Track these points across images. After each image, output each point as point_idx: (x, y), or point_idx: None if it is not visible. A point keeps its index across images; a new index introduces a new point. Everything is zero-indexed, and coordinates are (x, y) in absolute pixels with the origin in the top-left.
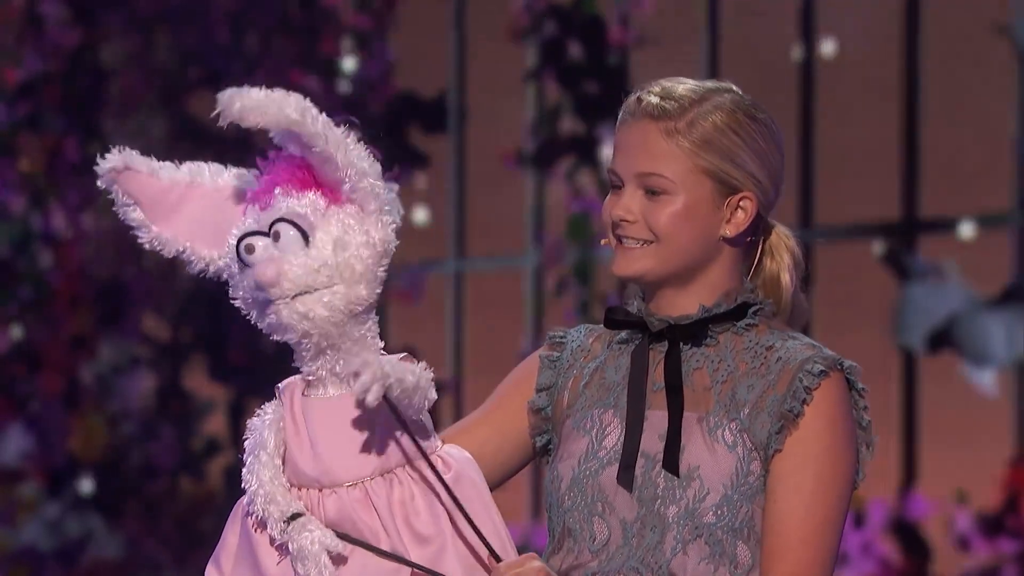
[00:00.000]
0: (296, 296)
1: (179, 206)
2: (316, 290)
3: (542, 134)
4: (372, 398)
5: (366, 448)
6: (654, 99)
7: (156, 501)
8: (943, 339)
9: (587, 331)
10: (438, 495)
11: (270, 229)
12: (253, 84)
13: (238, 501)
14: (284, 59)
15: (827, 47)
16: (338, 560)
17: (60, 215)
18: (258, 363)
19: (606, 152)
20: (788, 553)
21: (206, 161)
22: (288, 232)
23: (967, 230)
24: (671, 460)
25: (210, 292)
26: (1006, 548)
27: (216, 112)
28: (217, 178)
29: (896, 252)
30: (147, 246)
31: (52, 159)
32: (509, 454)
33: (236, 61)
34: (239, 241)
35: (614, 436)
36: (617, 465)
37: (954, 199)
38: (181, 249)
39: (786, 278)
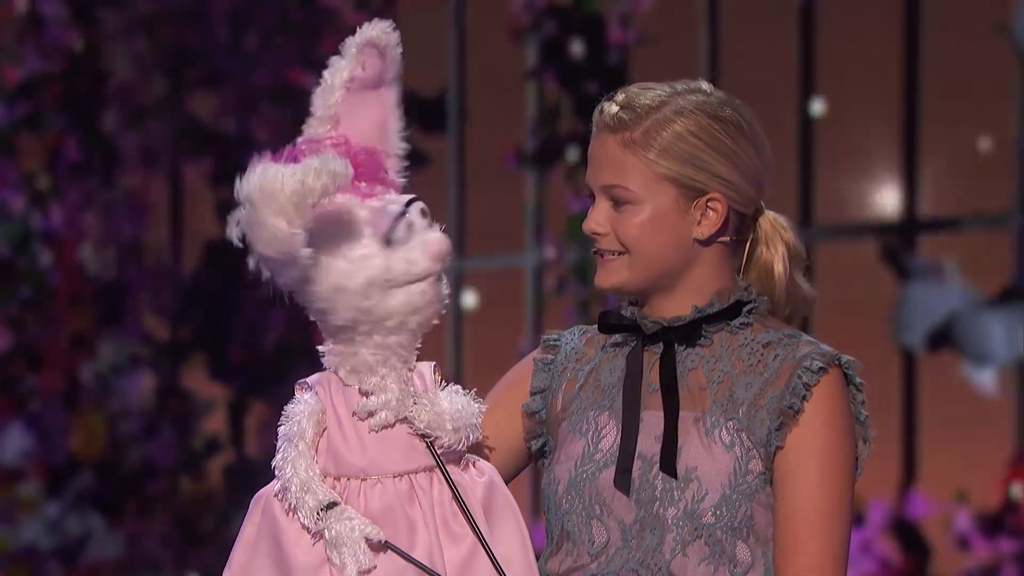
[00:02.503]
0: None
1: None
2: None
3: (542, 134)
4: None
5: (414, 445)
6: (613, 109)
7: (156, 500)
8: (943, 338)
9: (580, 333)
10: (466, 498)
11: (407, 208)
12: (253, 83)
13: (257, 494)
14: (284, 58)
15: (828, 47)
16: (376, 548)
17: (60, 215)
18: (258, 362)
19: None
20: (800, 546)
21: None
22: (427, 211)
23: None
24: (668, 462)
25: (210, 291)
26: (1006, 548)
27: (371, 32)
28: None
29: (896, 251)
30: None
31: (52, 159)
32: (504, 458)
33: (236, 60)
34: (395, 221)
35: (610, 438)
36: (613, 468)
37: (954, 199)
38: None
39: (779, 268)
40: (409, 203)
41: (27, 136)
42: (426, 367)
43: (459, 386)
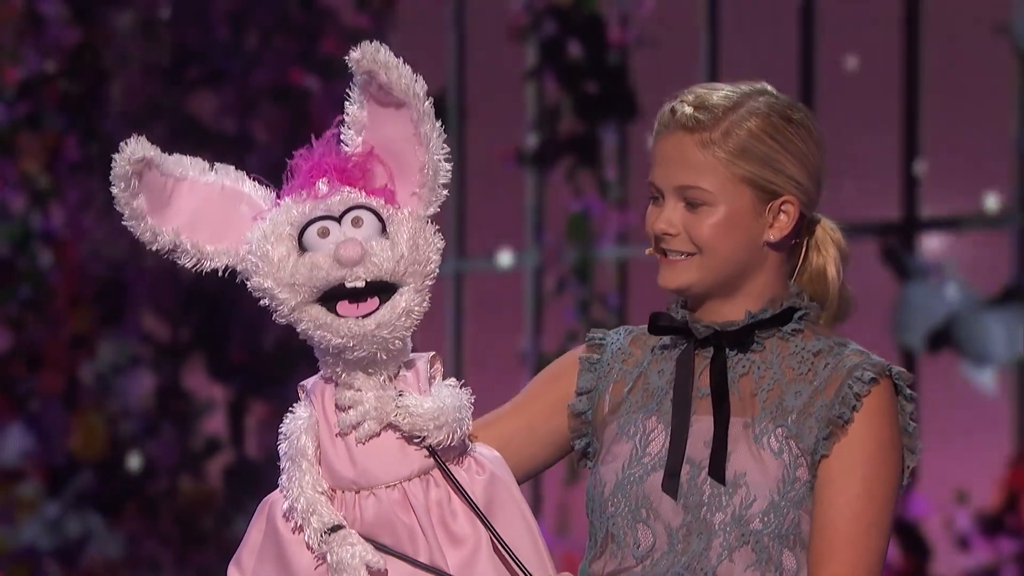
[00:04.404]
0: (368, 288)
1: (172, 199)
2: (391, 285)
3: (542, 134)
4: (362, 433)
5: (404, 450)
6: (688, 110)
7: (156, 500)
8: (943, 339)
9: (626, 333)
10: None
11: (342, 216)
12: (252, 83)
13: (263, 500)
14: (284, 58)
15: (828, 47)
16: (376, 575)
17: (60, 215)
18: (258, 362)
19: (605, 151)
20: (835, 554)
21: (206, 160)
22: (368, 217)
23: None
24: (717, 468)
25: (210, 291)
26: (1006, 548)
27: (355, 55)
28: (207, 175)
29: (896, 251)
30: (140, 237)
31: (52, 159)
32: (536, 450)
33: (236, 60)
34: (308, 224)
35: (658, 442)
36: (661, 471)
37: (954, 199)
38: (177, 242)
39: (832, 271)
40: (345, 211)
41: (27, 136)
42: (422, 361)
43: (452, 379)
